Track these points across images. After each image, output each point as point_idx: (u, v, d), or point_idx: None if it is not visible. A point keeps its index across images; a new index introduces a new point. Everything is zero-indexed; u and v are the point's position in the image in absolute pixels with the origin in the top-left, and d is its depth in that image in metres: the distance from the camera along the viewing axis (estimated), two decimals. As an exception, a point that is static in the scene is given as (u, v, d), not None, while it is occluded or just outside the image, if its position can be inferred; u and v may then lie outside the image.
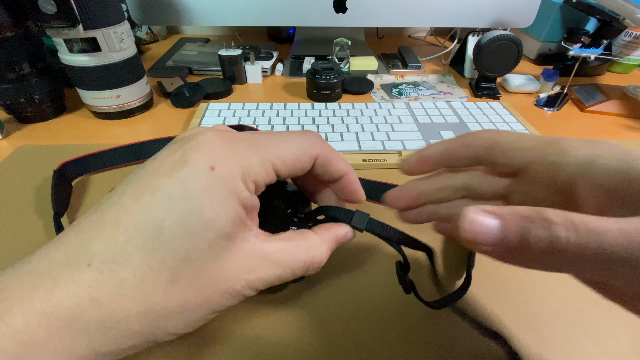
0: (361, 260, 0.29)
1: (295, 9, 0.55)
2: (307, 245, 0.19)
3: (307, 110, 0.48)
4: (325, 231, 0.20)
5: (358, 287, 0.27)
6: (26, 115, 0.46)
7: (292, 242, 0.18)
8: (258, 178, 0.16)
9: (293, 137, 0.18)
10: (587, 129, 0.49)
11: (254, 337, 0.23)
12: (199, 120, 0.46)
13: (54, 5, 0.37)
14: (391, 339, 0.23)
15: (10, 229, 0.31)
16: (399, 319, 0.24)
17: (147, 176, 0.15)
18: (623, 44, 0.66)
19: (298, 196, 0.23)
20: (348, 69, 0.62)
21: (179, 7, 0.54)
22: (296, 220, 0.22)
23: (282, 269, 0.17)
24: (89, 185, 0.36)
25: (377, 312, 0.25)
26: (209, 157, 0.15)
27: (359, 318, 0.25)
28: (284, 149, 0.17)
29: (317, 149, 0.18)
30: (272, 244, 0.18)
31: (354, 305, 0.25)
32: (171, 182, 0.15)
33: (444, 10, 0.57)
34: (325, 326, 0.24)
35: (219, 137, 0.16)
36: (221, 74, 0.59)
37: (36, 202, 0.34)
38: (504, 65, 0.54)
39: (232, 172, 0.15)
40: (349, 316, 0.25)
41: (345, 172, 0.20)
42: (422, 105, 0.51)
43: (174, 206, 0.15)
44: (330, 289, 0.26)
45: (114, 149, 0.38)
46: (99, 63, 0.43)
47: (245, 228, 0.17)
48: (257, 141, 0.17)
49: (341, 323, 0.24)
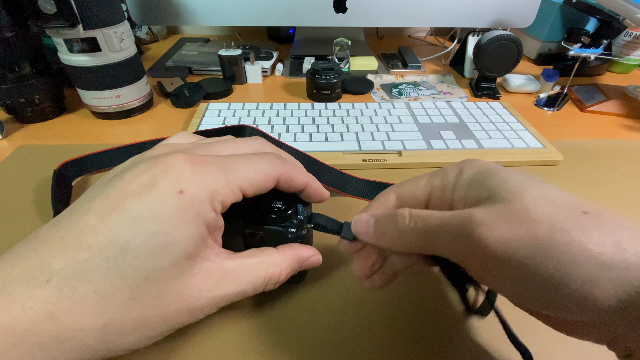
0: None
1: (295, 9, 0.55)
2: (268, 261, 0.20)
3: (307, 110, 0.48)
4: (288, 249, 0.21)
5: (355, 286, 0.27)
6: (26, 115, 0.46)
7: (252, 259, 0.19)
8: (225, 199, 0.17)
9: (257, 160, 0.19)
10: (587, 129, 0.49)
11: (251, 335, 0.23)
12: (199, 120, 0.46)
13: (54, 5, 0.37)
14: (391, 339, 0.23)
15: (10, 228, 0.31)
16: (398, 318, 0.25)
17: (114, 196, 0.16)
18: (623, 44, 0.66)
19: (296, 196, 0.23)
20: (348, 69, 0.62)
21: (179, 7, 0.54)
22: (295, 222, 0.22)
23: (243, 286, 0.18)
24: (89, 185, 0.36)
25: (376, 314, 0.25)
26: (178, 181, 0.16)
27: (358, 318, 0.25)
28: (249, 171, 0.18)
29: (279, 170, 0.20)
30: (233, 262, 0.18)
31: (353, 305, 0.25)
32: (139, 204, 0.15)
33: (444, 10, 0.57)
34: (325, 325, 0.24)
35: (188, 161, 0.17)
36: (221, 74, 0.59)
37: (36, 202, 0.34)
38: (504, 65, 0.54)
39: (199, 195, 0.16)
40: (348, 315, 0.25)
41: (307, 183, 0.21)
42: (422, 105, 0.51)
43: (140, 228, 0.15)
44: (331, 289, 0.26)
45: (114, 149, 0.38)
46: (99, 63, 0.43)
47: (207, 247, 0.17)
48: (224, 165, 0.18)
49: (340, 323, 0.24)
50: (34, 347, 0.14)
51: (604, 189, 0.37)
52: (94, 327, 0.15)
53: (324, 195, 0.22)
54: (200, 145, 0.20)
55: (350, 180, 0.35)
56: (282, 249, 0.21)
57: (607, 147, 0.45)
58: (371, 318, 0.25)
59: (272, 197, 0.22)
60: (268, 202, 0.22)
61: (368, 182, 0.35)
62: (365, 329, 0.24)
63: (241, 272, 0.19)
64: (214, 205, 0.17)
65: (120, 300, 0.15)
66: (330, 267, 0.28)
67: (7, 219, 0.32)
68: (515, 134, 0.44)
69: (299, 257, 0.21)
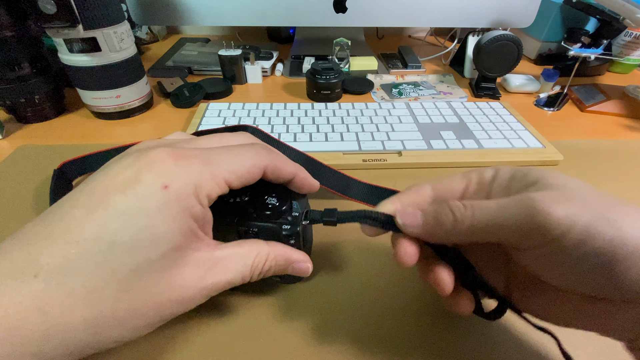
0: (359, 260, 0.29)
1: (295, 9, 0.55)
2: (256, 250, 0.20)
3: (307, 110, 0.48)
4: (278, 245, 0.21)
5: (357, 287, 0.27)
6: (26, 115, 0.46)
7: (242, 248, 0.20)
8: (211, 192, 0.17)
9: (243, 151, 0.19)
10: (587, 129, 0.49)
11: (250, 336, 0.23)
12: (199, 120, 0.46)
13: (54, 5, 0.37)
14: (390, 339, 0.23)
15: (10, 228, 0.31)
16: (400, 317, 0.25)
17: (100, 191, 0.16)
18: (623, 44, 0.66)
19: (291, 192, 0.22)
20: (348, 69, 0.62)
21: (179, 7, 0.54)
22: (290, 219, 0.21)
23: (232, 274, 0.19)
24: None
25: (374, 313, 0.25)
26: (162, 176, 0.16)
27: (357, 318, 0.25)
28: (234, 163, 0.18)
29: (265, 160, 0.19)
30: (222, 251, 0.19)
31: (356, 304, 0.25)
32: (124, 199, 0.15)
33: (444, 10, 0.57)
34: (324, 325, 0.24)
35: (172, 155, 0.17)
36: (221, 74, 0.59)
37: (36, 202, 0.34)
38: (504, 65, 0.54)
39: (184, 189, 0.16)
40: (347, 316, 0.25)
41: (294, 173, 0.21)
42: (422, 105, 0.51)
43: (127, 222, 0.15)
44: (330, 287, 0.26)
45: (114, 148, 0.38)
46: (99, 63, 0.43)
47: (197, 239, 0.18)
48: (208, 157, 0.18)
49: (339, 322, 0.24)
50: (24, 341, 0.14)
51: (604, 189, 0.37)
52: (84, 321, 0.15)
53: (313, 185, 0.22)
54: (186, 140, 0.20)
55: (354, 183, 0.34)
56: (272, 243, 0.21)
57: (607, 147, 0.45)
58: (375, 317, 0.25)
59: (267, 193, 0.22)
60: (262, 199, 0.21)
61: (371, 187, 0.34)
62: (369, 328, 0.24)
63: (230, 260, 0.19)
64: (199, 198, 0.17)
65: (109, 293, 0.15)
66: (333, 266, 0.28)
67: (7, 219, 0.32)
68: (515, 134, 0.44)
69: (286, 257, 0.21)
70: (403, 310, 0.25)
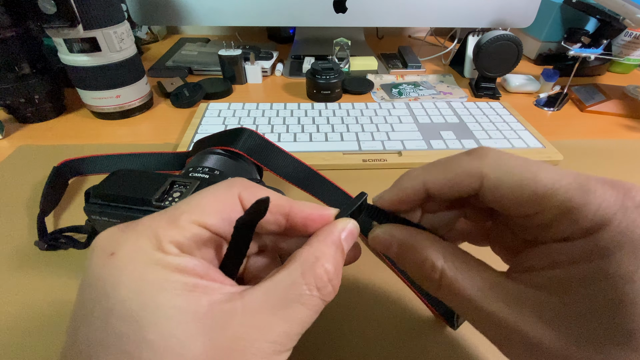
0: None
1: (295, 9, 0.55)
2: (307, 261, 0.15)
3: (307, 110, 0.48)
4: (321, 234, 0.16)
5: (355, 288, 0.27)
6: (26, 115, 0.46)
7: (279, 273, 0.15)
8: (174, 237, 0.14)
9: (212, 187, 0.16)
10: (587, 129, 0.49)
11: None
12: (199, 121, 0.46)
13: (54, 5, 0.37)
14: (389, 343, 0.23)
15: (10, 228, 0.31)
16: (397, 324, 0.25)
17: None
18: (623, 44, 0.66)
19: None
20: (348, 69, 0.62)
21: (179, 7, 0.54)
22: None
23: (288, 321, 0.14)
24: (85, 186, 0.36)
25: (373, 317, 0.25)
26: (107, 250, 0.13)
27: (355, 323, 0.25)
28: (198, 199, 0.15)
29: (237, 187, 0.16)
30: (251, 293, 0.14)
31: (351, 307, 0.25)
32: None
33: (444, 10, 0.57)
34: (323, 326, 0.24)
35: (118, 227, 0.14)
36: (221, 74, 0.59)
37: (36, 202, 0.34)
38: (504, 65, 0.54)
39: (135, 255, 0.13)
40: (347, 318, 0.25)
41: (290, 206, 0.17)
42: (422, 105, 0.51)
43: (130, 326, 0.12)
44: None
45: (115, 155, 0.38)
46: (99, 63, 0.43)
47: (207, 289, 0.13)
48: (167, 210, 0.15)
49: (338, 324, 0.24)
50: None
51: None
52: None
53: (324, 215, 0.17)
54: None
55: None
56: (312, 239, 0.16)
57: (607, 147, 0.45)
58: (376, 317, 0.25)
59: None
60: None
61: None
62: (369, 328, 0.24)
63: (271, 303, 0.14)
64: (164, 250, 0.13)
65: None
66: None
67: (7, 219, 0.32)
68: (515, 134, 0.44)
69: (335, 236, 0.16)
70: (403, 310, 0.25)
